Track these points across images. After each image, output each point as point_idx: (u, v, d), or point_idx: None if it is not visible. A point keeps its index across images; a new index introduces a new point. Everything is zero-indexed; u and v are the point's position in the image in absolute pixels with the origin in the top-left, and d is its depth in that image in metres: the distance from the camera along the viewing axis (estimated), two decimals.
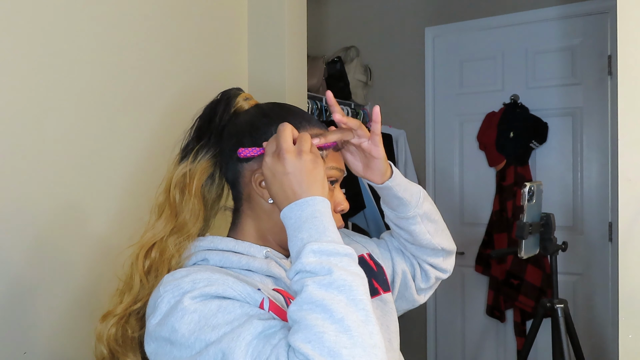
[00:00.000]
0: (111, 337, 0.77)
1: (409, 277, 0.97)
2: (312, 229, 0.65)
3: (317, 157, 0.71)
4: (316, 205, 0.67)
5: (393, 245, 0.99)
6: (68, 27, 1.18)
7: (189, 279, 0.67)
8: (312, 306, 0.58)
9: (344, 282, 0.59)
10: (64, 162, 1.17)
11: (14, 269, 1.08)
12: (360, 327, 0.57)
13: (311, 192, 0.68)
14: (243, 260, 0.75)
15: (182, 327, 0.63)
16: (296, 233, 0.66)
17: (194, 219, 0.79)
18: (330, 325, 0.56)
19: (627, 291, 1.18)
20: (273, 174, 0.70)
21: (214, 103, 0.85)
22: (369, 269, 0.90)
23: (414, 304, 1.00)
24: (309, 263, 0.61)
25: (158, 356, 0.67)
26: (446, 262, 0.98)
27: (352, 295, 0.59)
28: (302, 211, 0.67)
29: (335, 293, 0.58)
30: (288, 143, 0.70)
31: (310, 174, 0.69)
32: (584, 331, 2.41)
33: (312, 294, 0.58)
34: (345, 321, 0.56)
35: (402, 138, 2.84)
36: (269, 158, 0.71)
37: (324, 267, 0.61)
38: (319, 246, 0.62)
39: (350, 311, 0.57)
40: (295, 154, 0.70)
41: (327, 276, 0.60)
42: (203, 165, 0.81)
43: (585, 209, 2.51)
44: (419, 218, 0.89)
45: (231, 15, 1.72)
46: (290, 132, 0.72)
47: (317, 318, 0.57)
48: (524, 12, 2.62)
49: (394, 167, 0.86)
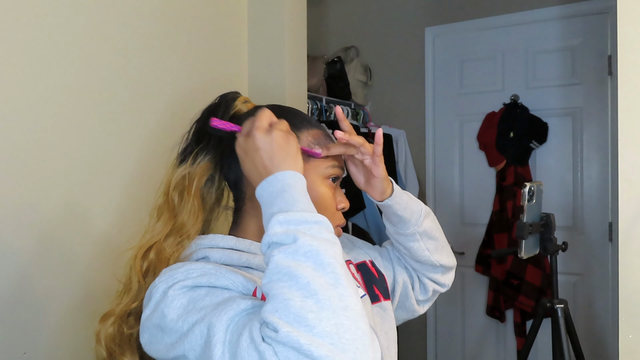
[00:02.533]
0: (109, 337, 0.77)
1: (410, 287, 0.97)
2: (282, 202, 0.64)
3: (288, 133, 0.71)
4: (286, 179, 0.66)
5: (394, 255, 0.99)
6: (68, 29, 1.18)
7: (183, 269, 0.68)
8: (279, 275, 0.57)
9: (310, 248, 0.58)
10: (65, 163, 1.17)
11: (15, 269, 1.08)
12: (328, 290, 0.55)
13: (282, 167, 0.67)
14: (243, 258, 0.75)
15: (170, 312, 0.63)
16: (267, 209, 0.65)
17: (192, 220, 0.79)
18: (296, 291, 0.55)
19: (627, 291, 1.18)
20: (245, 152, 0.71)
21: (213, 106, 0.85)
22: (370, 275, 0.90)
23: (414, 314, 1.01)
24: (275, 233, 0.60)
25: (152, 345, 0.67)
26: (445, 277, 0.98)
27: (320, 260, 0.57)
28: (272, 187, 0.66)
29: (302, 260, 0.57)
30: (261, 122, 0.71)
31: (281, 149, 0.68)
32: (584, 331, 2.41)
33: (279, 264, 0.58)
34: (311, 285, 0.55)
35: (402, 138, 2.84)
36: (241, 137, 0.72)
37: (289, 235, 0.59)
38: (284, 216, 0.61)
39: (317, 275, 0.56)
40: (265, 130, 0.70)
41: (292, 244, 0.59)
42: (202, 167, 0.81)
43: (585, 209, 2.51)
44: (418, 236, 0.89)
45: (231, 16, 1.72)
46: (268, 116, 0.72)
47: (284, 286, 0.56)
48: (524, 12, 2.62)
49: (396, 186, 0.86)
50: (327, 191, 0.80)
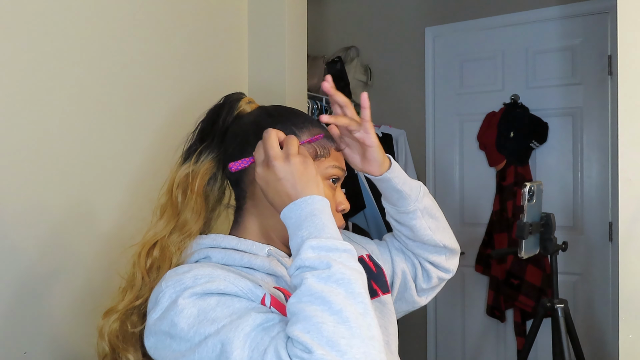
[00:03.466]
0: (112, 332, 0.77)
1: (409, 277, 0.96)
2: (312, 226, 0.66)
3: (306, 158, 0.72)
4: (315, 204, 0.68)
5: (394, 245, 0.98)
6: (72, 30, 1.18)
7: (190, 274, 0.68)
8: (311, 298, 0.58)
9: (342, 276, 0.60)
10: (69, 162, 1.17)
11: (19, 266, 1.08)
12: (359, 319, 0.57)
13: (306, 192, 0.69)
14: (245, 258, 0.75)
15: (181, 321, 0.63)
16: (296, 231, 0.67)
17: (195, 218, 0.79)
18: (329, 316, 0.57)
19: (627, 291, 1.18)
20: (267, 183, 0.72)
21: (217, 107, 0.85)
22: (368, 270, 0.89)
23: (414, 306, 1.00)
24: (308, 258, 0.62)
25: (158, 350, 0.67)
26: (449, 261, 0.97)
27: (351, 289, 0.60)
28: (301, 210, 0.68)
29: (334, 286, 0.59)
30: (275, 150, 0.72)
31: (302, 175, 0.70)
32: (584, 331, 2.41)
33: (311, 287, 0.59)
34: (344, 312, 0.57)
35: (402, 138, 2.84)
36: (260, 168, 0.73)
37: (322, 261, 0.62)
38: (317, 242, 0.64)
39: (348, 303, 0.58)
40: (283, 159, 0.71)
41: (326, 270, 0.61)
42: (206, 166, 0.81)
43: (585, 209, 2.51)
44: (420, 213, 0.89)
45: (231, 16, 1.72)
46: (276, 137, 0.73)
47: (316, 309, 0.57)
48: (524, 12, 2.62)
49: (393, 160, 0.86)
50: (327, 192, 0.80)
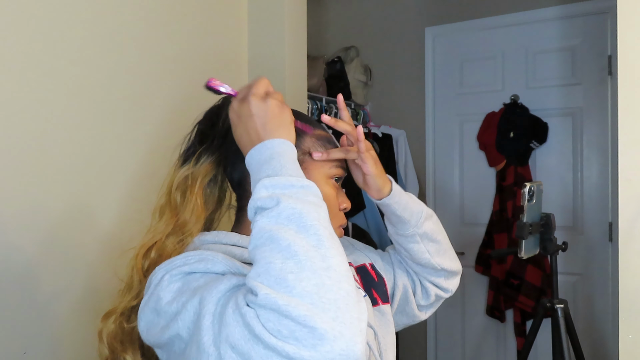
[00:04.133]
0: (111, 334, 0.77)
1: (410, 292, 0.96)
2: (270, 169, 0.64)
3: (284, 105, 0.71)
4: (275, 147, 0.66)
5: (396, 258, 0.98)
6: (69, 28, 1.18)
7: (182, 255, 0.68)
8: (262, 240, 0.57)
9: (292, 211, 0.58)
10: (68, 163, 1.17)
11: (18, 267, 1.08)
12: (310, 251, 0.55)
13: (275, 135, 0.67)
14: (246, 254, 0.75)
15: (166, 295, 0.63)
16: (255, 175, 0.65)
17: (194, 219, 0.79)
18: (277, 254, 0.55)
19: (627, 291, 1.18)
20: (238, 116, 0.71)
21: (216, 108, 0.85)
22: (370, 278, 0.89)
23: (415, 320, 0.99)
24: (260, 198, 0.60)
25: (149, 330, 0.66)
26: (448, 282, 0.96)
27: (302, 222, 0.57)
28: (261, 154, 0.66)
29: (285, 223, 0.57)
30: (258, 89, 0.71)
31: (275, 117, 0.69)
32: (584, 331, 2.41)
33: (262, 228, 0.58)
34: (292, 247, 0.54)
35: (402, 138, 2.84)
36: (236, 102, 0.72)
37: (272, 199, 0.59)
38: (270, 180, 0.62)
39: (299, 237, 0.56)
40: (261, 97, 0.70)
41: (275, 207, 0.59)
42: (206, 168, 0.81)
43: (585, 209, 2.51)
44: (418, 237, 0.88)
45: (231, 16, 1.72)
46: (265, 84, 0.72)
47: (265, 250, 0.56)
48: (524, 12, 2.62)
49: (395, 186, 0.85)
50: (330, 191, 0.80)
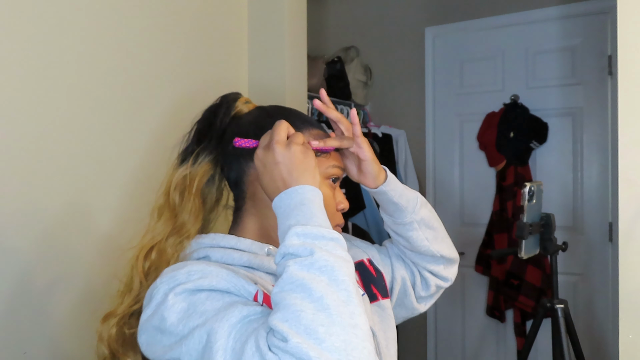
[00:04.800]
0: (112, 337, 0.77)
1: (409, 284, 0.96)
2: (300, 215, 0.65)
3: (307, 149, 0.72)
4: (305, 193, 0.67)
5: (393, 251, 0.98)
6: (70, 30, 1.18)
7: (184, 270, 0.68)
8: (292, 286, 0.57)
9: (325, 263, 0.59)
10: (67, 163, 1.17)
11: (16, 268, 1.08)
12: (340, 307, 0.56)
13: (301, 181, 0.68)
14: (244, 258, 0.75)
15: (171, 315, 0.63)
16: (284, 220, 0.66)
17: (192, 219, 0.79)
18: (309, 304, 0.55)
19: (627, 291, 1.18)
20: (264, 165, 0.71)
21: (214, 107, 0.85)
22: (368, 274, 0.90)
23: (414, 312, 0.99)
24: (292, 245, 0.61)
25: (150, 346, 0.67)
26: (447, 270, 0.97)
27: (334, 276, 0.58)
28: (291, 199, 0.67)
29: (317, 274, 0.58)
30: (280, 135, 0.71)
31: (300, 164, 0.69)
32: (584, 331, 2.41)
33: (293, 275, 0.58)
34: (324, 300, 0.56)
35: (402, 138, 2.84)
36: (260, 150, 0.72)
37: (306, 248, 0.60)
38: (302, 229, 0.62)
39: (330, 291, 0.57)
40: (285, 144, 0.71)
41: (309, 257, 0.59)
42: (204, 167, 0.81)
43: (585, 209, 2.51)
44: (416, 224, 0.88)
45: (231, 16, 1.72)
46: (285, 128, 0.73)
47: (296, 297, 0.56)
48: (524, 12, 2.62)
49: (389, 173, 0.86)
50: (328, 191, 0.80)
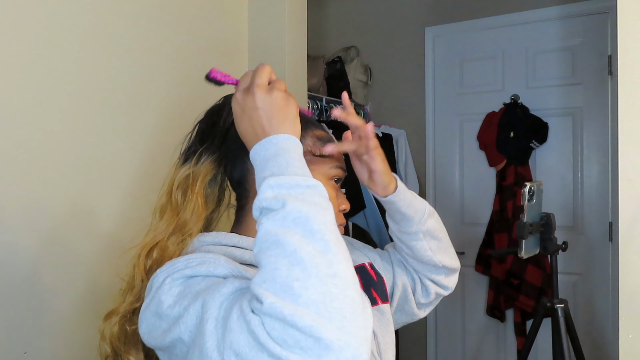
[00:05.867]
0: (114, 335, 0.77)
1: (409, 290, 0.96)
2: (275, 166, 0.62)
3: (289, 96, 0.69)
4: (280, 143, 0.64)
5: (396, 257, 0.97)
6: (69, 28, 1.18)
7: (183, 258, 0.67)
8: (267, 244, 0.55)
9: (299, 214, 0.56)
10: (69, 163, 1.17)
11: (19, 267, 1.08)
12: (316, 258, 0.53)
13: (281, 130, 0.66)
14: (246, 255, 0.75)
15: (168, 298, 0.62)
16: (260, 173, 0.63)
17: (195, 218, 0.79)
18: (282, 259, 0.53)
19: (627, 291, 1.18)
20: (242, 109, 0.69)
21: (217, 107, 0.85)
22: (369, 278, 0.89)
23: (414, 318, 0.99)
24: (265, 198, 0.59)
25: (150, 334, 0.66)
26: (448, 279, 0.96)
27: (309, 226, 0.55)
28: (266, 150, 0.64)
29: (291, 226, 0.55)
30: (262, 79, 0.68)
31: (280, 111, 0.67)
32: (584, 331, 2.41)
33: (267, 231, 0.56)
34: (298, 253, 0.53)
35: (402, 138, 2.84)
36: (239, 93, 0.70)
37: (278, 200, 0.57)
38: (275, 180, 0.59)
39: (305, 242, 0.54)
40: (267, 89, 0.68)
41: (280, 210, 0.57)
42: (206, 167, 0.81)
43: (585, 209, 2.51)
44: (421, 234, 0.88)
45: (231, 16, 1.72)
46: (268, 72, 0.71)
47: (271, 255, 0.54)
48: (524, 12, 2.62)
49: (400, 183, 0.85)
50: (330, 192, 0.80)
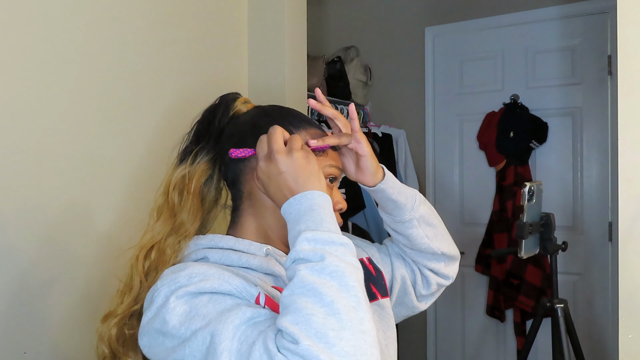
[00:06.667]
0: (112, 337, 0.77)
1: (409, 283, 0.96)
2: (310, 220, 0.65)
3: (308, 153, 0.72)
4: (315, 198, 0.68)
5: (393, 250, 0.97)
6: (69, 31, 1.18)
7: (185, 272, 0.67)
8: (303, 290, 0.58)
9: (336, 269, 0.59)
10: (67, 163, 1.17)
11: (17, 268, 1.08)
12: (350, 312, 0.56)
13: (308, 187, 0.69)
14: (243, 259, 0.75)
15: (173, 318, 0.63)
16: (294, 226, 0.66)
17: (191, 219, 0.79)
18: (320, 308, 0.56)
19: (627, 291, 1.18)
20: (268, 177, 0.71)
21: (213, 107, 0.85)
22: (367, 273, 0.89)
23: (414, 311, 0.99)
24: (303, 250, 0.62)
25: (152, 349, 0.67)
26: (448, 268, 0.96)
27: (344, 281, 0.59)
28: (300, 205, 0.67)
29: (327, 278, 0.58)
30: (279, 144, 0.71)
31: (304, 170, 0.69)
32: (584, 331, 2.41)
33: (304, 279, 0.59)
34: (335, 305, 0.56)
35: (402, 138, 2.84)
36: (262, 162, 0.72)
37: (317, 253, 0.61)
38: (313, 234, 0.63)
39: (341, 296, 0.57)
40: (286, 153, 0.71)
41: (319, 262, 0.60)
42: (202, 167, 0.81)
43: (585, 209, 2.51)
44: (416, 221, 0.88)
45: (231, 16, 1.72)
46: (281, 134, 0.73)
47: (307, 301, 0.57)
48: (524, 12, 2.62)
49: (387, 170, 0.86)
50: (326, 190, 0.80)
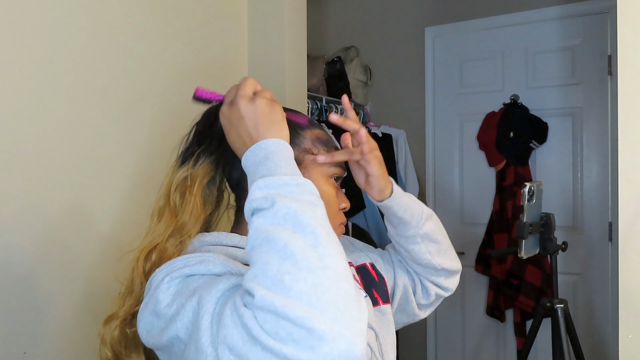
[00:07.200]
0: (115, 339, 0.77)
1: (410, 291, 0.96)
2: (264, 169, 0.63)
3: (274, 102, 0.70)
4: (269, 147, 0.66)
5: (396, 258, 0.97)
6: (68, 28, 1.18)
7: (182, 257, 0.67)
8: (258, 241, 0.56)
9: (287, 211, 0.57)
10: (67, 165, 1.17)
11: (17, 269, 1.08)
12: (307, 251, 0.54)
13: (268, 135, 0.67)
14: (246, 256, 0.75)
15: (165, 297, 0.62)
16: (251, 178, 0.65)
17: (193, 220, 0.79)
18: (274, 255, 0.54)
19: (627, 291, 1.18)
20: (229, 121, 0.70)
21: (214, 108, 0.84)
22: (370, 278, 0.89)
23: (415, 319, 0.99)
24: (255, 199, 0.60)
25: (149, 333, 0.66)
26: (448, 281, 0.96)
27: (298, 221, 0.56)
28: (255, 156, 0.66)
29: (281, 223, 0.56)
30: (245, 90, 0.70)
31: (266, 117, 0.68)
32: (584, 331, 2.41)
33: (258, 229, 0.57)
34: (289, 247, 0.54)
35: (402, 138, 2.84)
36: (225, 107, 0.71)
37: (267, 199, 0.59)
38: (264, 181, 0.61)
39: (295, 237, 0.55)
40: (249, 98, 0.69)
41: (270, 208, 0.58)
42: (204, 168, 0.80)
43: (585, 209, 2.51)
44: (419, 238, 0.88)
45: (231, 16, 1.72)
46: (252, 84, 0.72)
47: (262, 251, 0.55)
48: (524, 12, 2.62)
49: (396, 187, 0.85)
50: (330, 190, 0.80)
